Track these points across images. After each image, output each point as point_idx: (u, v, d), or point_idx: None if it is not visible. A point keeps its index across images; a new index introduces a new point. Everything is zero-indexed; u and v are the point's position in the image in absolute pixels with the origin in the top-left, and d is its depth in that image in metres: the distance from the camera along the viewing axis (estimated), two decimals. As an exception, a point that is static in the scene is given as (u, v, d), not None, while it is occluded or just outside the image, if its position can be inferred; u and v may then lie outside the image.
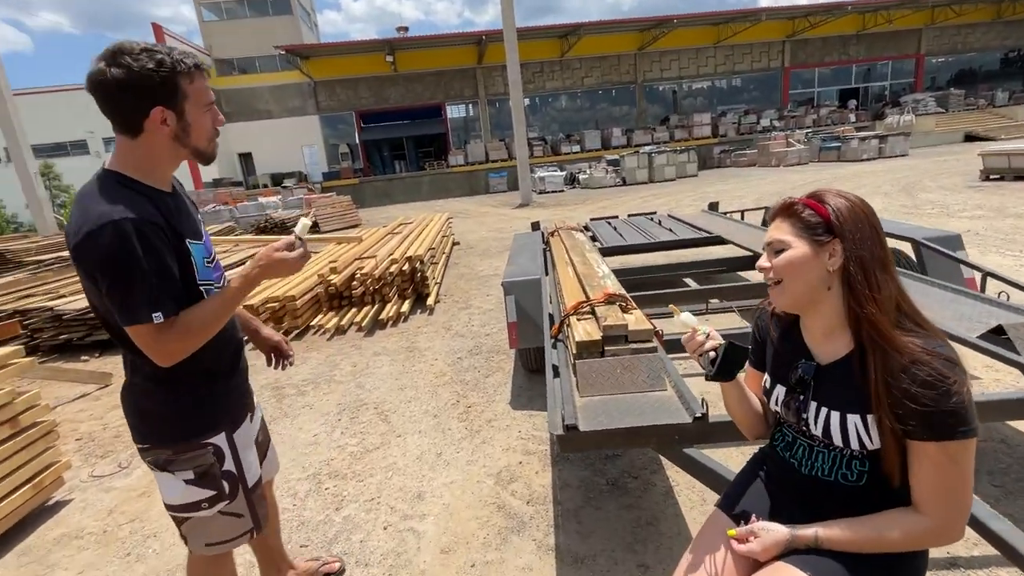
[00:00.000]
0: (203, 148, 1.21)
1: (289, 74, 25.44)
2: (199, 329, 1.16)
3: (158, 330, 1.10)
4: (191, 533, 1.36)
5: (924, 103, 24.88)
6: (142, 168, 1.16)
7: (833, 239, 1.00)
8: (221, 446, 1.31)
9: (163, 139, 1.14)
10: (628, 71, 27.75)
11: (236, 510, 1.36)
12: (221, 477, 1.32)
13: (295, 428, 3.18)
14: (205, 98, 1.17)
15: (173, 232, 1.16)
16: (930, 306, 2.39)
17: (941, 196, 8.94)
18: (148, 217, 1.10)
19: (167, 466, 1.27)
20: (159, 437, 1.26)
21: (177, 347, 1.14)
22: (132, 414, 1.28)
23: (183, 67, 1.12)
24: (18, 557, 2.27)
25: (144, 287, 1.08)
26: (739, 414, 1.26)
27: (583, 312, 2.43)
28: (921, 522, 0.96)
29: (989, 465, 2.15)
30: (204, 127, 1.19)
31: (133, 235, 1.06)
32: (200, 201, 17.20)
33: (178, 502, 1.30)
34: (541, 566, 1.89)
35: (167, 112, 1.11)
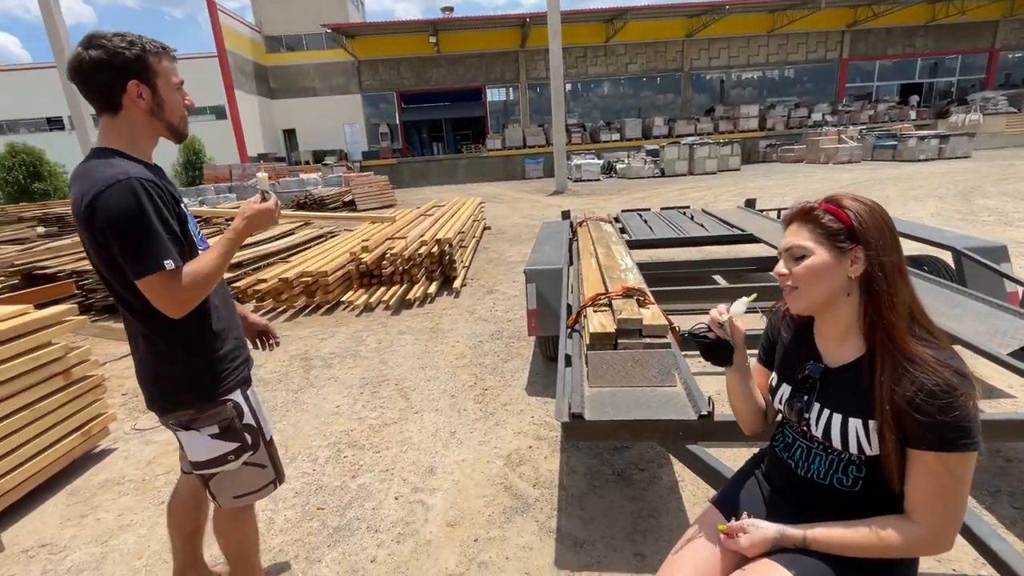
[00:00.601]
0: (176, 123, 1.31)
1: (334, 52, 25.82)
2: (204, 278, 1.25)
3: (170, 278, 1.18)
4: (219, 489, 1.45)
5: (994, 101, 23.20)
6: (127, 144, 1.26)
7: (856, 246, 0.99)
8: (239, 402, 1.41)
9: (141, 114, 1.24)
10: (675, 58, 26.92)
11: (259, 461, 1.47)
12: (243, 430, 1.42)
13: (320, 398, 3.33)
14: (175, 77, 1.28)
15: (170, 195, 1.27)
16: (964, 318, 2.31)
17: (1001, 203, 8.42)
18: (147, 176, 1.20)
19: (191, 425, 1.36)
20: (181, 399, 1.35)
21: (187, 296, 1.23)
22: (151, 384, 1.35)
23: (153, 47, 1.23)
24: (67, 496, 2.50)
25: (155, 238, 1.17)
26: (739, 405, 1.28)
27: (600, 304, 2.45)
28: (912, 530, 0.97)
29: (1012, 486, 2.08)
30: (176, 104, 1.29)
31: (141, 192, 1.16)
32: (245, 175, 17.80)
33: (205, 457, 1.40)
34: (541, 546, 1.96)
35: (142, 87, 1.22)
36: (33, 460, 2.44)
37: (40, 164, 16.96)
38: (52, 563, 2.06)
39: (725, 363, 1.23)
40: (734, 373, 1.26)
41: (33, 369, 2.49)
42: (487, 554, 1.94)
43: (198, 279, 1.23)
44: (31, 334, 2.53)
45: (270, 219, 1.39)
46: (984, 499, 2.03)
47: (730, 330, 1.20)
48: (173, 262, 1.18)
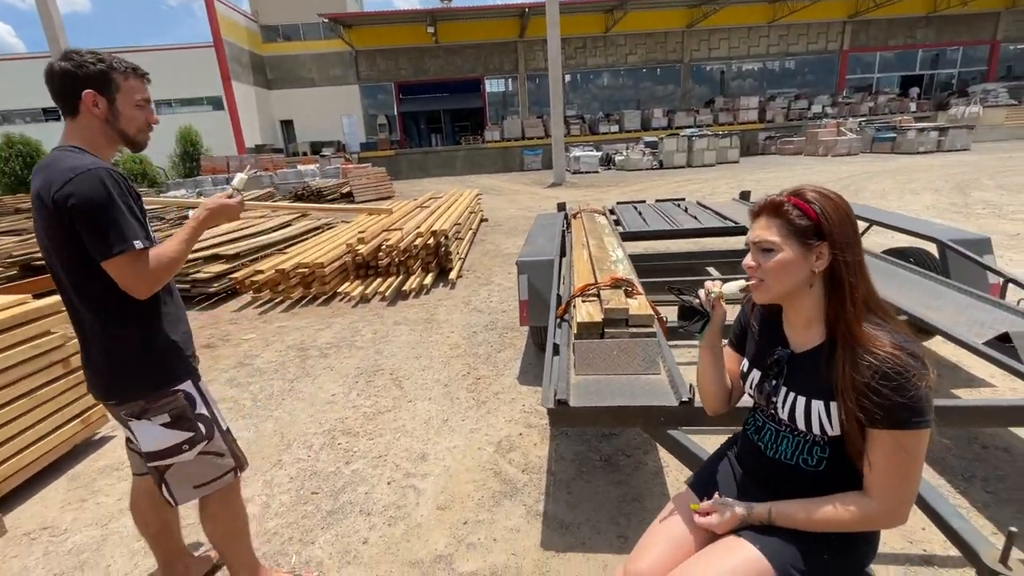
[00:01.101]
0: (131, 134, 1.41)
1: (331, 42, 25.65)
2: (168, 261, 1.35)
3: (137, 258, 1.28)
4: (176, 482, 1.47)
5: (995, 94, 23.12)
6: (87, 144, 1.35)
7: (822, 243, 1.03)
8: (190, 392, 1.46)
9: (95, 121, 1.35)
10: (675, 49, 26.75)
11: (216, 449, 1.51)
12: (196, 420, 1.46)
13: (315, 387, 3.39)
14: (138, 95, 1.39)
15: (132, 189, 1.36)
16: (944, 309, 2.36)
17: (997, 196, 8.45)
18: (116, 169, 1.32)
19: (143, 415, 1.40)
20: (132, 389, 1.39)
21: (154, 276, 1.32)
22: (101, 374, 1.40)
23: (120, 66, 1.36)
24: (68, 481, 2.56)
25: (124, 221, 1.27)
26: (706, 384, 1.33)
27: (589, 295, 2.50)
28: (868, 505, 1.02)
29: (985, 471, 2.14)
30: (133, 119, 1.40)
31: (110, 179, 1.27)
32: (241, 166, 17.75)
33: (159, 447, 1.43)
34: (528, 529, 2.02)
35: (98, 97, 1.33)
36: (34, 446, 2.50)
37: (37, 155, 16.90)
38: (53, 545, 2.12)
39: (693, 333, 1.27)
40: (706, 351, 1.30)
41: (33, 357, 2.55)
42: (476, 536, 2.00)
43: (163, 261, 1.33)
44: (30, 323, 2.57)
45: (232, 215, 1.52)
46: (959, 483, 2.09)
47: (712, 305, 1.24)
48: (142, 242, 1.28)
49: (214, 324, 4.84)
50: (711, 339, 1.28)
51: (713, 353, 1.30)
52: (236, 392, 3.40)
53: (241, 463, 1.59)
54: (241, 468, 1.59)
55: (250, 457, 2.63)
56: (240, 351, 4.12)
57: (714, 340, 1.29)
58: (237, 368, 3.80)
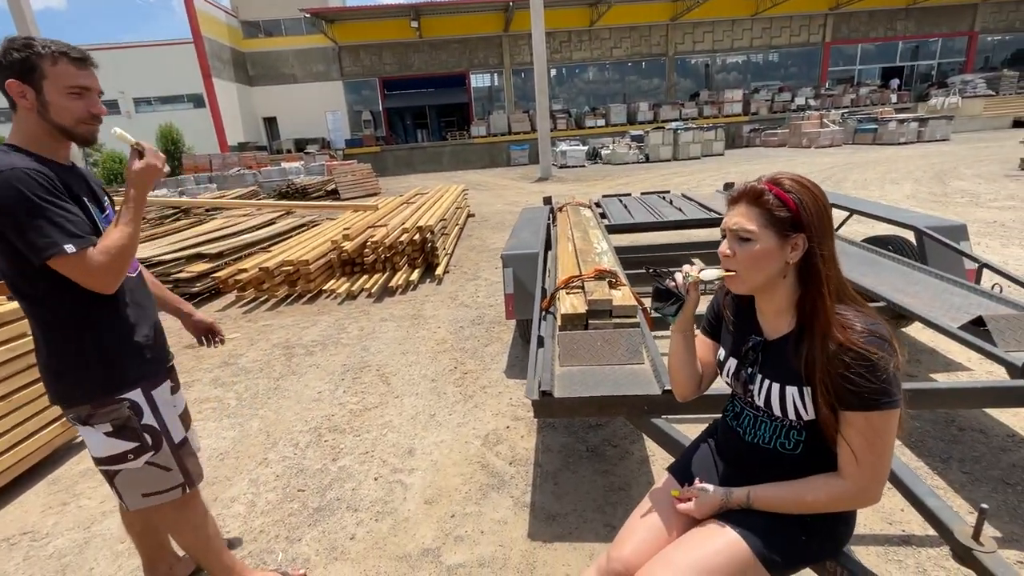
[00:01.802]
0: (67, 126, 1.29)
1: (314, 38, 25.31)
2: (118, 250, 1.26)
3: (80, 258, 1.21)
4: (125, 488, 1.44)
5: (973, 84, 23.54)
6: (28, 140, 1.28)
7: (799, 234, 1.03)
8: (137, 401, 1.40)
9: (29, 114, 1.26)
10: (659, 42, 26.82)
11: (162, 463, 1.46)
12: (141, 430, 1.41)
13: (301, 385, 3.36)
14: (68, 81, 1.26)
15: (66, 187, 1.27)
16: (921, 295, 2.40)
17: (974, 185, 8.61)
18: (36, 168, 1.21)
19: (88, 420, 1.36)
20: (77, 394, 1.34)
21: (106, 269, 1.24)
22: (48, 374, 1.35)
23: (48, 50, 1.24)
24: (48, 485, 2.51)
25: (56, 222, 1.19)
26: (677, 368, 1.31)
27: (573, 286, 2.50)
28: (841, 485, 1.04)
29: (962, 453, 2.19)
30: (67, 108, 1.27)
31: (25, 180, 1.18)
32: (225, 164, 17.51)
33: (103, 454, 1.39)
34: (515, 520, 2.03)
35: (24, 87, 1.23)
36: (13, 450, 2.45)
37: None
38: (34, 549, 2.08)
39: (666, 314, 1.24)
40: (677, 335, 1.28)
41: (7, 361, 2.49)
42: (463, 529, 2.00)
43: (111, 252, 1.25)
44: (5, 325, 2.52)
45: (156, 170, 1.35)
46: (936, 465, 2.13)
47: (687, 289, 1.20)
48: (75, 245, 1.20)
49: (198, 324, 4.77)
50: (683, 323, 1.26)
51: (684, 337, 1.28)
52: (220, 392, 3.36)
53: (192, 479, 1.53)
54: (191, 484, 1.53)
55: (235, 456, 2.61)
56: (224, 350, 4.07)
57: (686, 324, 1.26)
58: (222, 367, 3.75)
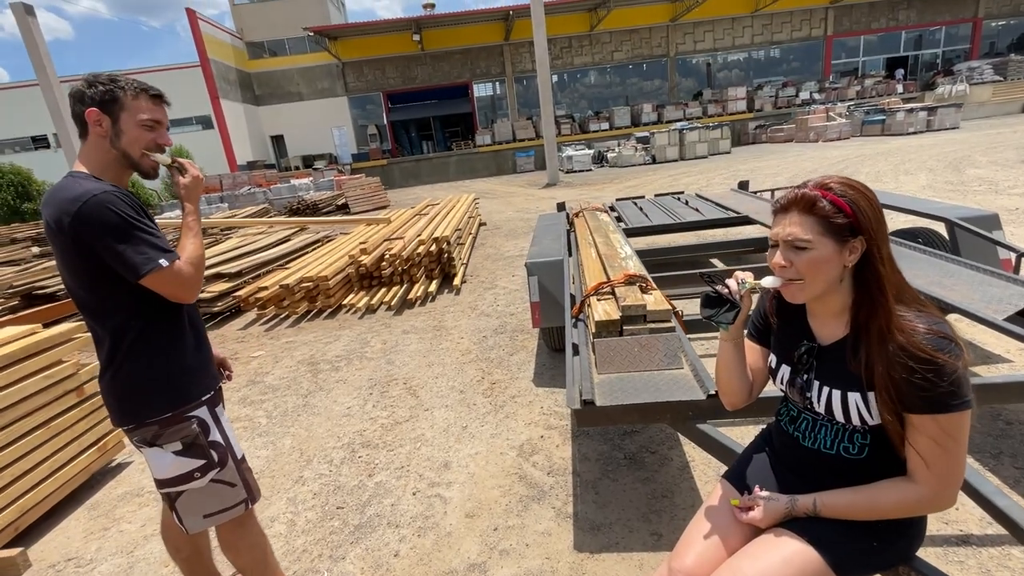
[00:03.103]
0: (132, 154, 1.38)
1: (318, 56, 25.65)
2: (197, 259, 1.39)
3: (168, 273, 1.31)
4: (187, 510, 1.44)
5: (980, 71, 23.26)
6: (96, 168, 1.36)
7: (856, 238, 1.01)
8: (204, 418, 1.44)
9: (100, 140, 1.35)
10: (660, 44, 26.84)
11: (228, 479, 1.47)
12: (209, 447, 1.43)
13: (330, 401, 3.37)
14: (144, 115, 1.37)
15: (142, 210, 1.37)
16: (959, 287, 2.36)
17: (991, 172, 8.48)
18: (119, 190, 1.32)
19: (155, 441, 1.38)
20: (144, 414, 1.37)
21: (191, 280, 1.36)
22: (116, 398, 1.38)
23: (130, 85, 1.36)
24: (88, 511, 2.53)
25: (147, 239, 1.30)
26: (726, 377, 1.28)
27: (603, 293, 2.49)
28: (914, 490, 1.01)
29: (1012, 447, 2.14)
30: (136, 138, 1.37)
31: (118, 202, 1.28)
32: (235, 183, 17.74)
33: (170, 475, 1.40)
34: (559, 531, 2.00)
35: (101, 115, 1.33)
36: (52, 477, 2.47)
37: (29, 184, 16.83)
38: (80, 575, 2.09)
39: (721, 323, 1.20)
40: (727, 344, 1.25)
41: (46, 388, 2.52)
42: (507, 542, 1.98)
43: (194, 261, 1.38)
44: (42, 353, 2.55)
45: (198, 183, 1.50)
46: (987, 461, 2.08)
47: (742, 296, 1.16)
48: (166, 259, 1.31)
49: (221, 343, 4.81)
50: (736, 331, 1.22)
51: (735, 346, 1.25)
52: (250, 411, 3.38)
53: (253, 494, 1.55)
54: (253, 499, 1.55)
55: (270, 475, 2.62)
56: (250, 369, 4.10)
57: (738, 332, 1.23)
58: (249, 386, 3.77)
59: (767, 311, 1.28)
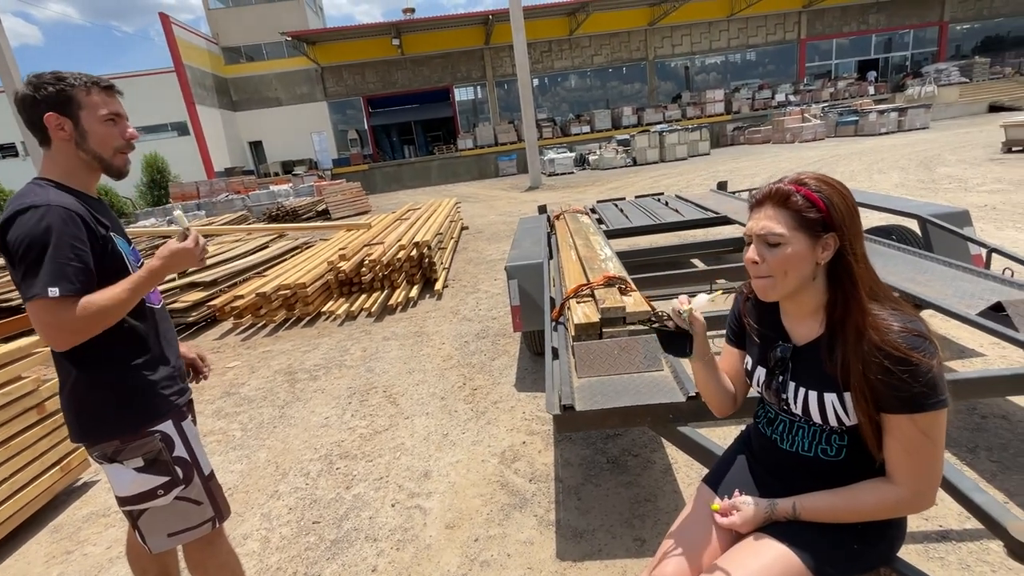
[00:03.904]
0: (105, 156, 1.30)
1: (296, 60, 25.39)
2: (97, 311, 1.18)
3: (53, 307, 1.14)
4: (150, 529, 1.37)
5: (947, 73, 24.01)
6: (62, 174, 1.28)
7: (829, 234, 0.99)
8: (168, 433, 1.35)
9: (66, 145, 1.27)
10: (639, 47, 27.16)
11: (194, 496, 1.39)
12: (173, 463, 1.35)
13: (307, 411, 3.29)
14: (104, 110, 1.29)
15: (97, 222, 1.26)
16: (932, 283, 2.38)
17: (960, 170, 8.71)
18: (69, 206, 1.20)
19: (116, 456, 1.30)
20: (105, 429, 1.30)
21: (74, 326, 1.17)
22: (75, 413, 1.31)
23: (79, 81, 1.26)
24: (51, 533, 2.41)
25: (50, 265, 1.14)
26: (706, 392, 1.27)
27: (583, 295, 2.46)
28: (893, 491, 0.99)
29: (988, 441, 2.16)
30: (103, 136, 1.29)
31: (54, 217, 1.16)
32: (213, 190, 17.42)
33: (132, 492, 1.33)
34: (542, 540, 1.96)
35: (60, 118, 1.24)
36: (13, 498, 2.35)
37: (-3, 193, 16.33)
38: (40, 603, 1.99)
39: (680, 353, 1.18)
40: (698, 363, 1.23)
41: (5, 405, 2.40)
42: (488, 552, 1.94)
43: (91, 309, 1.17)
44: (1, 368, 2.43)
45: (191, 259, 1.34)
46: (964, 455, 2.10)
47: (690, 320, 1.15)
48: (60, 291, 1.13)
49: (195, 354, 4.68)
50: (700, 351, 1.20)
51: (705, 363, 1.23)
52: (224, 423, 3.28)
53: (222, 512, 1.47)
54: (221, 518, 1.47)
55: (244, 490, 2.53)
56: (225, 380, 3.98)
57: (703, 350, 1.21)
58: (223, 398, 3.67)
59: (741, 312, 1.26)
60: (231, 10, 25.96)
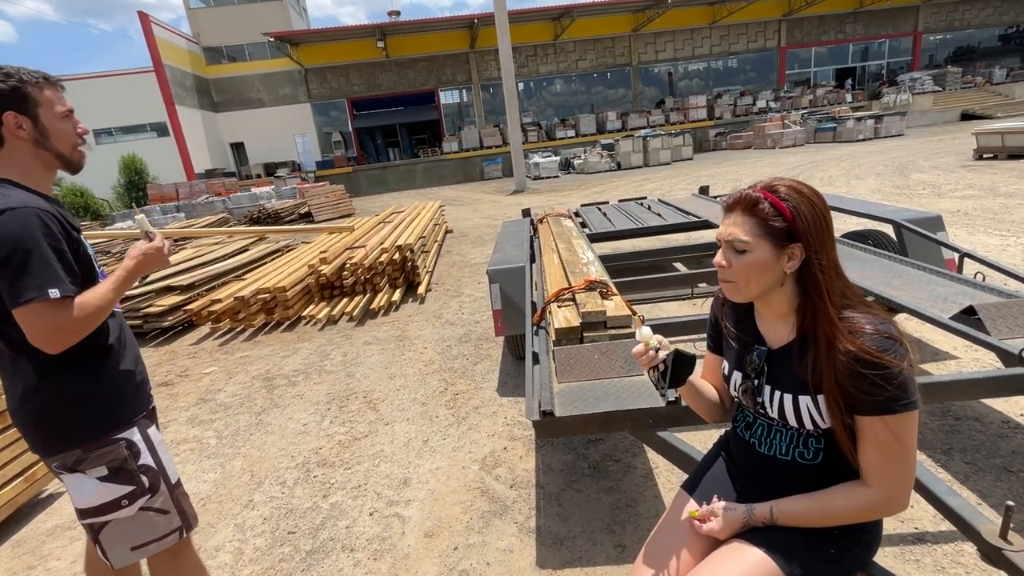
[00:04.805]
0: (66, 153, 1.29)
1: (279, 61, 25.09)
2: (94, 309, 1.20)
3: (54, 308, 1.13)
4: (111, 542, 1.31)
5: (921, 82, 24.66)
6: (21, 175, 1.24)
7: (795, 244, 1.00)
8: (133, 440, 1.31)
9: (25, 144, 1.23)
10: (623, 53, 27.43)
11: (160, 506, 1.35)
12: (138, 471, 1.31)
13: (285, 418, 3.22)
14: (59, 106, 1.27)
15: (69, 224, 1.24)
16: (907, 287, 2.42)
17: (934, 176, 8.93)
18: (43, 207, 1.18)
19: (77, 466, 1.25)
20: (66, 439, 1.24)
21: (72, 326, 1.16)
22: (33, 424, 1.25)
23: (31, 78, 1.22)
24: (12, 548, 2.32)
25: (43, 267, 1.13)
26: (695, 404, 1.28)
27: (564, 299, 2.45)
28: (867, 494, 0.99)
29: (962, 443, 2.19)
30: (63, 133, 1.27)
31: (33, 220, 1.14)
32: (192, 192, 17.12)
33: (94, 503, 1.27)
34: (522, 548, 1.94)
35: (20, 117, 1.20)
36: (-30, 513, 2.26)
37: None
38: (-2, 622, 1.90)
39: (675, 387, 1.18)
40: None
41: (-38, 415, 2.31)
42: (468, 561, 1.90)
43: (88, 309, 1.18)
44: (-43, 377, 2.33)
45: (160, 259, 1.37)
46: (938, 457, 2.13)
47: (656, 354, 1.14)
48: (60, 291, 1.13)
49: (171, 360, 4.56)
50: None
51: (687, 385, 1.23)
52: (199, 431, 3.19)
53: (189, 521, 1.42)
54: (188, 527, 1.42)
55: (218, 500, 2.46)
56: (201, 386, 3.89)
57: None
58: (199, 405, 3.57)
59: (718, 316, 1.26)
60: (213, 10, 25.58)
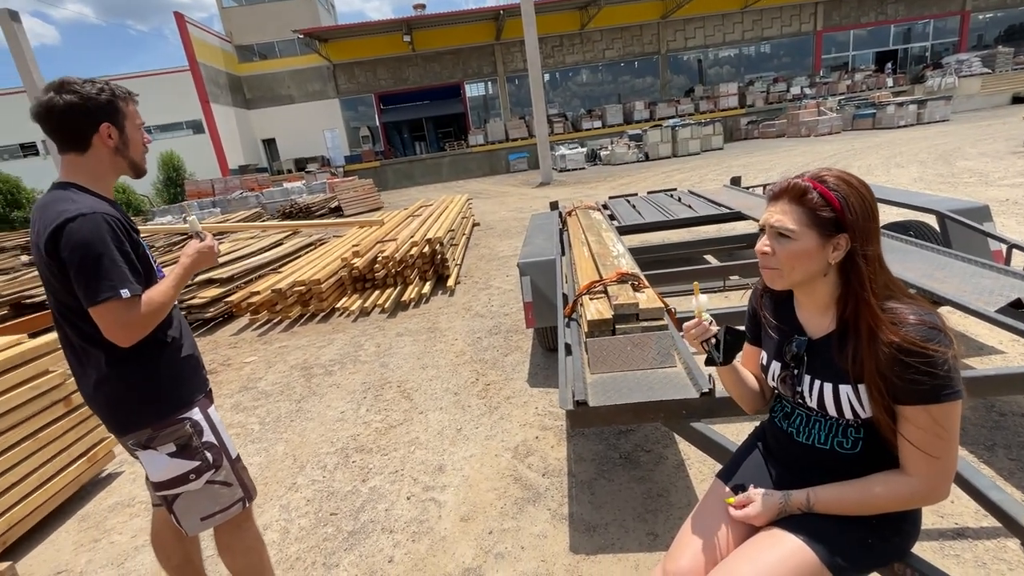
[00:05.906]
0: (138, 160, 1.43)
1: (308, 58, 25.55)
2: (158, 306, 1.32)
3: (125, 306, 1.25)
4: (184, 512, 1.45)
5: (968, 64, 23.40)
6: (90, 179, 1.35)
7: (841, 234, 1.00)
8: (197, 420, 1.44)
9: (107, 152, 1.35)
10: (651, 41, 26.88)
11: (224, 479, 1.48)
12: (202, 447, 1.44)
13: (323, 406, 3.34)
14: (138, 119, 1.41)
15: (130, 226, 1.36)
16: (950, 279, 2.36)
17: (981, 164, 8.53)
18: (110, 212, 1.29)
19: (149, 444, 1.38)
20: (136, 420, 1.37)
21: (141, 322, 1.29)
22: (108, 409, 1.37)
23: (121, 92, 1.36)
24: (79, 522, 2.49)
25: (114, 269, 1.24)
26: (736, 392, 1.29)
27: (596, 292, 2.47)
28: (907, 483, 1.00)
29: (1007, 439, 2.14)
30: (138, 143, 1.41)
31: (104, 226, 1.24)
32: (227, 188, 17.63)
33: (166, 477, 1.40)
34: (555, 533, 1.99)
35: (112, 128, 1.33)
36: (41, 489, 2.43)
37: (18, 192, 16.67)
38: (70, 589, 2.06)
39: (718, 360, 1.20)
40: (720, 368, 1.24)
41: (33, 398, 2.49)
42: (503, 545, 1.97)
43: (153, 306, 1.31)
44: (28, 363, 2.51)
45: (212, 257, 1.51)
46: (981, 453, 2.08)
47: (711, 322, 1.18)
48: (129, 291, 1.25)
49: (214, 349, 4.77)
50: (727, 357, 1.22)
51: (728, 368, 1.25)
52: (243, 417, 3.35)
53: (250, 493, 1.56)
54: (250, 498, 1.55)
55: (264, 482, 2.59)
56: (243, 375, 4.06)
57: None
58: (241, 392, 3.74)
59: (757, 307, 1.26)
60: (245, 8, 26.17)
